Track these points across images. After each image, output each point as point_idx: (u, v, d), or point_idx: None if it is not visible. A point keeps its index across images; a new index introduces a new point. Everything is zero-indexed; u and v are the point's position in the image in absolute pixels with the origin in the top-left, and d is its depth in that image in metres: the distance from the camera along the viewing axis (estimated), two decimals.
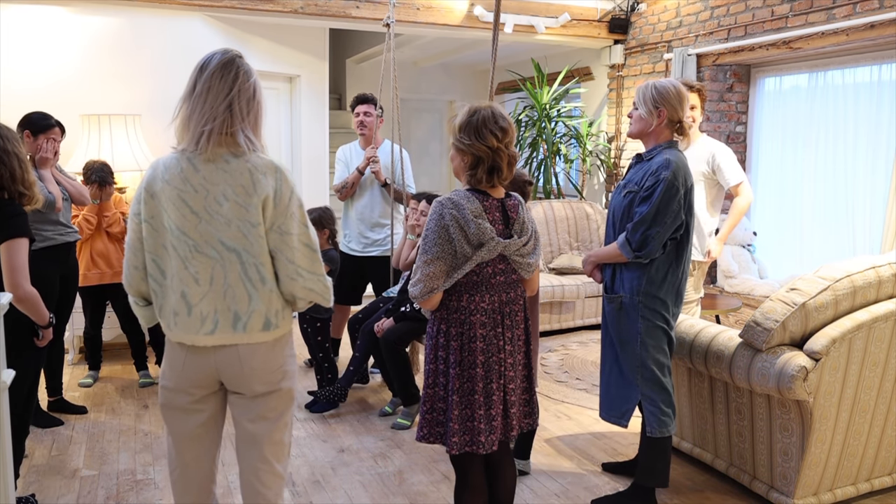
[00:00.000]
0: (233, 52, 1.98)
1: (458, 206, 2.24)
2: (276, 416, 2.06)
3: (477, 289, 2.29)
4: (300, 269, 1.96)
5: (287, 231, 1.93)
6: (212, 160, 1.90)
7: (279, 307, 1.99)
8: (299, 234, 1.95)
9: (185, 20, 5.22)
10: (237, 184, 1.89)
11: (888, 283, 2.83)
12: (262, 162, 1.94)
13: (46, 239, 3.70)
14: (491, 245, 2.24)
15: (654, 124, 2.78)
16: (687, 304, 3.81)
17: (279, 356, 2.04)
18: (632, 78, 6.49)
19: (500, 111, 2.31)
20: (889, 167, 4.68)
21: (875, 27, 4.41)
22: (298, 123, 6.25)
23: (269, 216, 1.92)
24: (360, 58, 8.41)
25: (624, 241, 2.71)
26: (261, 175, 1.91)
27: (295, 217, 1.95)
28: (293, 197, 1.95)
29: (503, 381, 2.33)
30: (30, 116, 3.71)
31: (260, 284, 1.95)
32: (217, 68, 1.92)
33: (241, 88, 1.92)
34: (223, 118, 1.90)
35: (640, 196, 2.71)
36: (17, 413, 2.82)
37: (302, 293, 1.99)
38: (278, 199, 1.92)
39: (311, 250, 1.98)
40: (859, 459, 2.92)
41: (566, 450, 3.55)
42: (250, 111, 1.95)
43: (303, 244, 1.96)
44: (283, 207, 1.92)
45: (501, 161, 2.28)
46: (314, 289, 1.99)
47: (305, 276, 1.97)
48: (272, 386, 2.03)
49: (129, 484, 3.17)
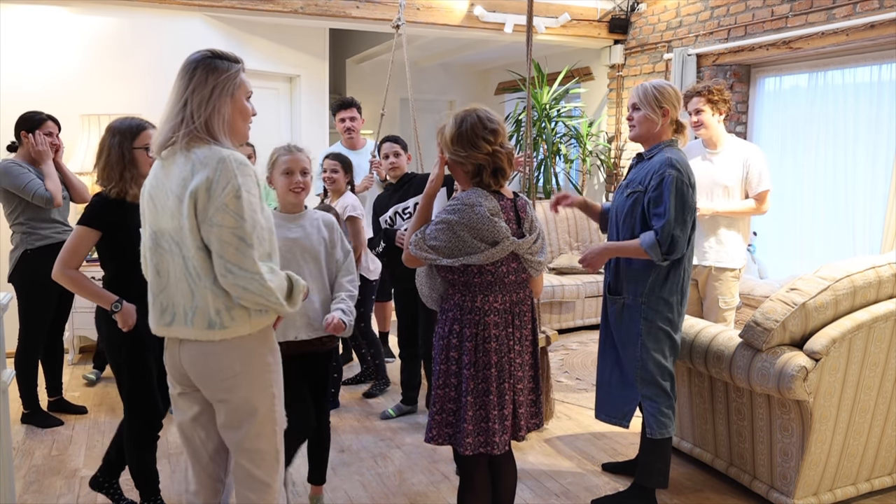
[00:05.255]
0: (203, 52, 1.99)
1: (473, 206, 2.22)
2: (236, 426, 2.02)
3: (491, 289, 2.28)
4: (230, 264, 1.86)
5: (218, 223, 1.85)
6: (171, 156, 1.95)
7: (221, 306, 1.91)
8: (234, 228, 1.85)
9: (185, 20, 5.22)
10: (180, 177, 1.91)
11: (888, 283, 2.83)
12: (207, 154, 1.89)
13: (44, 237, 3.71)
14: (506, 244, 2.24)
15: (660, 124, 2.79)
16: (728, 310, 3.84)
17: (231, 361, 1.96)
18: (632, 78, 6.49)
19: (486, 113, 2.30)
20: (889, 167, 4.68)
21: (875, 27, 4.40)
22: (298, 123, 6.26)
23: (201, 208, 1.86)
24: (360, 58, 8.41)
25: (654, 242, 2.64)
26: (200, 167, 1.87)
27: (228, 209, 1.84)
28: (229, 188, 1.85)
29: (512, 381, 2.33)
30: (22, 116, 3.74)
31: (197, 280, 1.91)
32: (180, 70, 1.97)
33: (195, 88, 1.93)
34: (180, 117, 1.93)
35: (648, 196, 2.69)
36: (146, 419, 2.71)
37: (235, 292, 1.88)
38: (211, 191, 1.85)
39: (246, 245, 1.86)
40: (859, 459, 2.92)
41: (566, 450, 3.55)
42: (206, 109, 1.93)
43: (237, 238, 1.85)
44: (215, 198, 1.85)
45: (502, 161, 2.28)
46: (248, 288, 1.87)
47: (237, 273, 1.86)
48: (222, 394, 1.99)
49: (129, 484, 3.16)
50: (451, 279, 2.31)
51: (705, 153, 3.86)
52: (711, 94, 3.74)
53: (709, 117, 3.76)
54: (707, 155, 3.85)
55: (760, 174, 3.75)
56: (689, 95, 3.84)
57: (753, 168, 3.75)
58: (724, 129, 3.88)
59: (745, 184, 3.79)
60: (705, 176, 3.74)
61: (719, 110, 3.76)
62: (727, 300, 3.82)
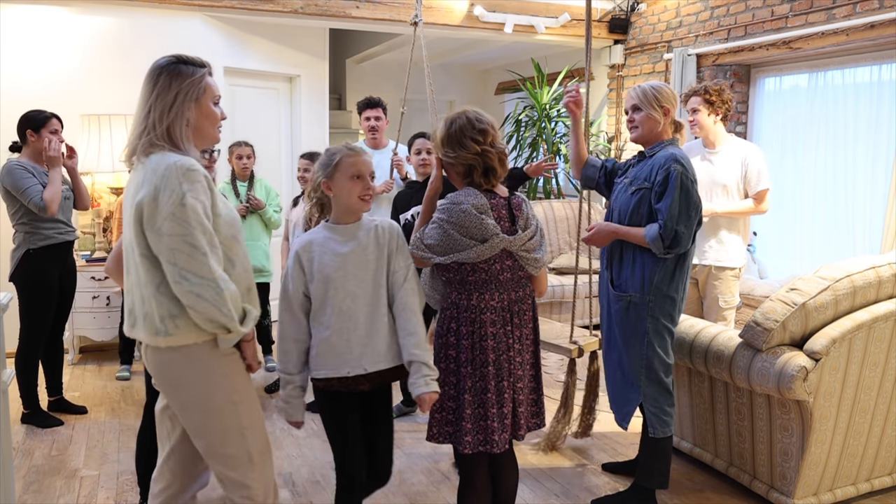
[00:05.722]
0: (168, 58, 2.00)
1: (460, 204, 2.24)
2: (200, 434, 2.02)
3: (486, 287, 2.29)
4: (184, 271, 1.83)
5: (167, 232, 1.83)
6: (135, 164, 1.97)
7: (165, 314, 1.89)
8: (184, 235, 1.83)
9: (185, 20, 5.22)
10: (135, 185, 1.93)
11: (888, 283, 2.83)
12: (159, 161, 1.89)
13: (47, 238, 3.71)
14: (495, 241, 2.24)
15: (662, 123, 2.80)
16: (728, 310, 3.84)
17: (181, 369, 1.95)
18: (632, 78, 6.49)
19: (475, 115, 2.32)
20: (889, 167, 4.68)
21: (875, 27, 4.40)
22: (298, 123, 6.26)
23: (148, 218, 1.86)
24: (360, 58, 8.42)
25: (657, 236, 2.65)
26: (150, 175, 1.88)
27: (175, 217, 1.83)
28: (175, 196, 1.83)
29: (512, 380, 2.33)
30: (25, 115, 3.72)
31: (143, 285, 1.92)
32: (145, 76, 1.99)
33: (158, 94, 1.94)
34: (143, 125, 1.95)
35: (654, 192, 2.70)
36: None
37: (188, 300, 1.84)
38: (158, 200, 1.84)
39: (199, 252, 1.83)
40: (859, 459, 2.92)
41: (566, 450, 3.55)
42: (169, 116, 1.94)
43: (188, 245, 1.83)
44: (162, 208, 1.84)
45: (492, 161, 2.29)
46: (203, 295, 1.83)
47: (192, 279, 1.82)
48: (174, 401, 2.02)
49: (129, 484, 3.17)
50: (447, 278, 2.32)
51: (704, 153, 3.86)
52: (709, 94, 3.74)
53: (704, 117, 3.77)
54: (706, 154, 3.85)
55: (759, 173, 3.75)
56: (688, 95, 3.85)
57: (752, 167, 3.75)
58: (724, 129, 3.88)
59: (744, 183, 3.79)
60: (704, 175, 3.75)
61: (716, 111, 3.77)
62: (727, 299, 3.83)
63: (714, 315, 3.84)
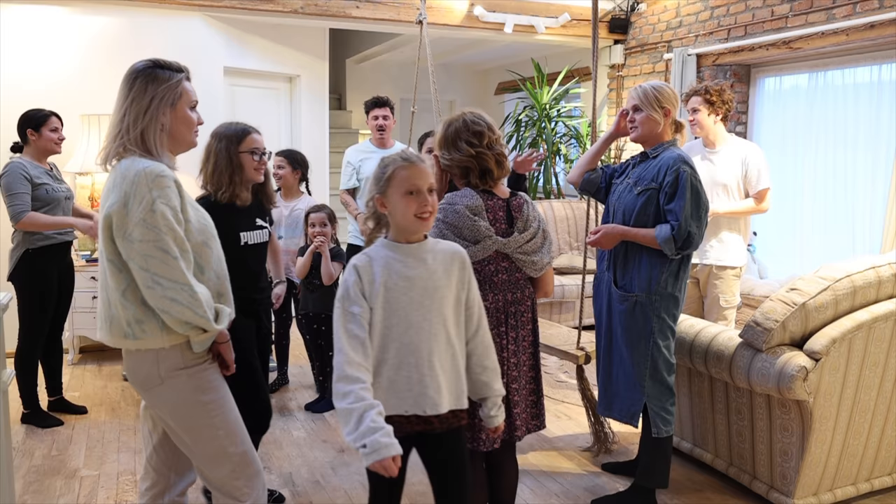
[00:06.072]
0: (145, 62, 2.00)
1: (454, 205, 2.25)
2: (176, 436, 2.06)
3: (479, 288, 2.28)
4: (157, 276, 1.83)
5: (139, 238, 1.84)
6: (110, 168, 1.99)
7: (131, 318, 1.90)
8: (155, 241, 1.84)
9: (185, 20, 5.22)
10: (106, 189, 1.95)
11: (888, 283, 2.83)
12: (128, 167, 1.90)
13: (46, 237, 3.70)
14: (487, 243, 2.24)
15: (662, 124, 2.80)
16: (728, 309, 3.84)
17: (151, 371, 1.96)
18: (632, 78, 6.49)
19: (472, 117, 2.33)
20: (889, 167, 4.68)
21: (875, 27, 4.40)
22: (298, 123, 6.26)
23: (118, 225, 1.86)
24: (360, 58, 8.42)
25: (669, 237, 2.65)
26: (120, 180, 1.89)
27: (146, 223, 1.84)
28: (144, 203, 1.84)
29: (506, 381, 2.32)
30: (25, 115, 3.72)
31: (110, 289, 1.94)
32: (122, 80, 1.98)
33: (133, 99, 1.94)
34: (118, 129, 1.95)
35: (664, 192, 2.70)
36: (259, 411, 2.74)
37: (162, 304, 1.85)
38: (128, 207, 1.85)
39: (171, 257, 1.84)
40: (859, 459, 2.92)
41: (566, 450, 3.55)
42: (143, 121, 1.94)
43: (160, 250, 1.84)
44: (132, 214, 1.85)
45: (488, 163, 2.30)
46: (177, 299, 1.84)
47: (165, 284, 1.83)
48: (147, 401, 2.06)
49: (129, 484, 3.17)
50: None
51: (705, 153, 3.86)
52: (709, 94, 3.74)
53: (704, 117, 3.78)
54: (707, 154, 3.86)
55: (759, 172, 3.75)
56: (688, 95, 3.85)
57: (752, 166, 3.76)
58: (724, 129, 3.88)
59: (744, 182, 3.79)
60: (705, 175, 3.73)
61: (717, 111, 3.77)
62: (728, 299, 3.83)
63: (715, 314, 3.84)
